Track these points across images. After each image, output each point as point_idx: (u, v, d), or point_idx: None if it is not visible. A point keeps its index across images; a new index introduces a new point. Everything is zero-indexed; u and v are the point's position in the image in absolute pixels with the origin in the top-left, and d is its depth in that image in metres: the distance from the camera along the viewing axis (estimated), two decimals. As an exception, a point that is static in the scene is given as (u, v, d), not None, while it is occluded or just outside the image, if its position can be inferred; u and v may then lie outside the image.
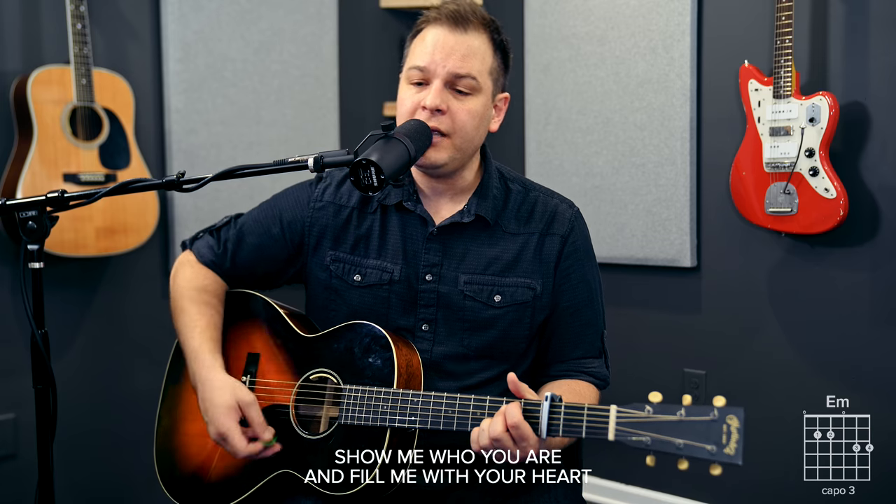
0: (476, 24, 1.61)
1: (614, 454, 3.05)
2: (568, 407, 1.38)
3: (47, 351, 1.47)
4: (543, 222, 1.70)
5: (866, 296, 2.61)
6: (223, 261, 1.79)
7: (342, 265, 1.71)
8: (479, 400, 1.47)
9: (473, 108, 1.61)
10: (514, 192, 1.73)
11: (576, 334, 1.73)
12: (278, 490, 1.63)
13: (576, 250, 1.71)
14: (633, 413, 1.31)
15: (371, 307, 1.68)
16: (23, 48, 2.75)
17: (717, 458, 1.26)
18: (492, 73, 1.64)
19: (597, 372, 1.73)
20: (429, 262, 1.67)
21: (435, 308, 1.66)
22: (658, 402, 1.31)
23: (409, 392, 1.52)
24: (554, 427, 1.37)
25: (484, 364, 1.68)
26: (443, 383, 1.64)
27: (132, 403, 3.01)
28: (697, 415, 1.28)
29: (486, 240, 1.68)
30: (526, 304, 1.67)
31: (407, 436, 1.55)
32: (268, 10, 3.21)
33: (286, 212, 1.76)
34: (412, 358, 1.60)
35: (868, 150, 2.56)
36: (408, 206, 1.68)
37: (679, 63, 2.90)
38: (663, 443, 1.28)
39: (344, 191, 1.74)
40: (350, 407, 1.55)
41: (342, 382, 1.59)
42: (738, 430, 1.26)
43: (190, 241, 1.85)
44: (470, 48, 1.59)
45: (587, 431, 1.35)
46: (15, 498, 2.76)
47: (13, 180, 2.61)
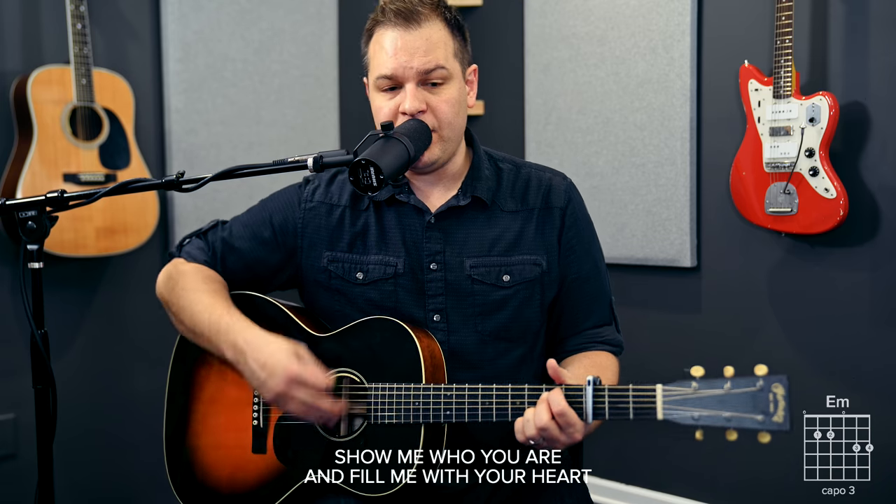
0: (426, 13, 1.58)
1: (614, 454, 3.06)
2: (612, 390, 1.38)
3: (47, 351, 1.47)
4: (540, 197, 1.69)
5: (866, 296, 2.61)
6: (214, 263, 1.75)
7: (341, 265, 1.68)
8: (516, 389, 1.46)
9: (451, 96, 1.59)
10: (506, 171, 1.72)
11: (587, 304, 1.72)
12: (307, 497, 1.59)
13: (576, 221, 1.71)
14: (680, 390, 1.32)
15: (378, 303, 1.65)
16: (23, 48, 2.75)
17: (766, 426, 1.29)
18: (457, 55, 1.62)
19: (611, 339, 1.74)
20: (431, 251, 1.64)
21: (444, 297, 1.64)
22: (701, 376, 1.33)
23: (440, 386, 1.50)
24: (599, 410, 1.38)
25: (502, 349, 1.65)
26: (463, 374, 1.61)
27: (132, 404, 3.01)
28: (742, 386, 1.31)
29: (485, 221, 1.66)
30: (535, 281, 1.66)
31: (439, 433, 1.53)
32: (268, 10, 3.21)
33: (276, 214, 1.73)
34: (434, 348, 1.57)
35: (868, 150, 2.55)
36: (401, 198, 1.65)
37: (679, 63, 2.90)
38: (711, 417, 1.30)
39: (334, 190, 1.72)
40: (379, 406, 1.53)
41: (365, 381, 1.56)
42: (784, 398, 1.29)
43: (177, 248, 1.80)
44: (429, 40, 1.57)
45: (635, 413, 1.36)
46: (15, 498, 2.76)
47: (13, 180, 2.61)
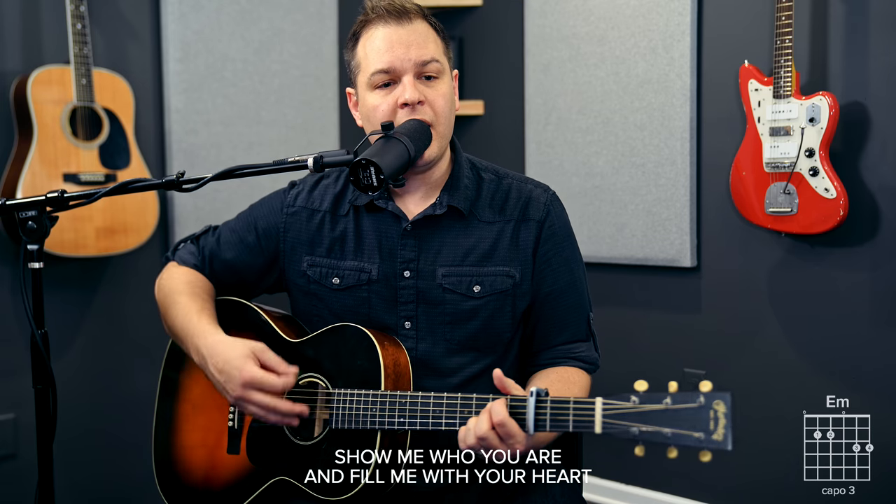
0: (415, 12, 1.62)
1: (614, 454, 3.06)
2: (554, 401, 1.36)
3: (47, 351, 1.47)
4: (518, 209, 1.68)
5: (866, 296, 2.61)
6: (203, 267, 1.80)
7: (319, 269, 1.70)
8: (465, 398, 1.46)
9: (445, 90, 1.62)
10: (487, 180, 1.71)
11: (561, 319, 1.71)
12: (276, 499, 1.62)
13: (553, 234, 1.69)
14: (619, 404, 1.29)
15: (352, 309, 1.67)
16: (23, 48, 2.75)
17: (706, 444, 1.24)
18: (445, 54, 1.65)
19: (585, 356, 1.71)
20: (405, 259, 1.65)
21: (415, 304, 1.65)
22: (644, 390, 1.29)
23: (396, 393, 1.51)
24: (541, 422, 1.36)
25: (470, 358, 1.66)
26: (431, 381, 1.63)
27: (132, 403, 3.01)
28: (684, 402, 1.26)
29: (461, 230, 1.66)
30: (506, 293, 1.65)
31: (398, 438, 1.54)
32: (268, 10, 3.21)
33: (261, 220, 1.76)
34: (399, 356, 1.59)
35: (868, 150, 2.56)
36: (379, 204, 1.66)
37: (679, 63, 2.90)
38: (651, 433, 1.26)
39: (316, 195, 1.73)
40: (340, 411, 1.54)
41: (331, 387, 1.58)
42: (726, 416, 1.24)
43: (172, 252, 1.86)
44: (421, 35, 1.60)
45: (574, 425, 1.33)
46: (15, 498, 2.76)
47: (13, 180, 2.61)
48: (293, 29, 3.26)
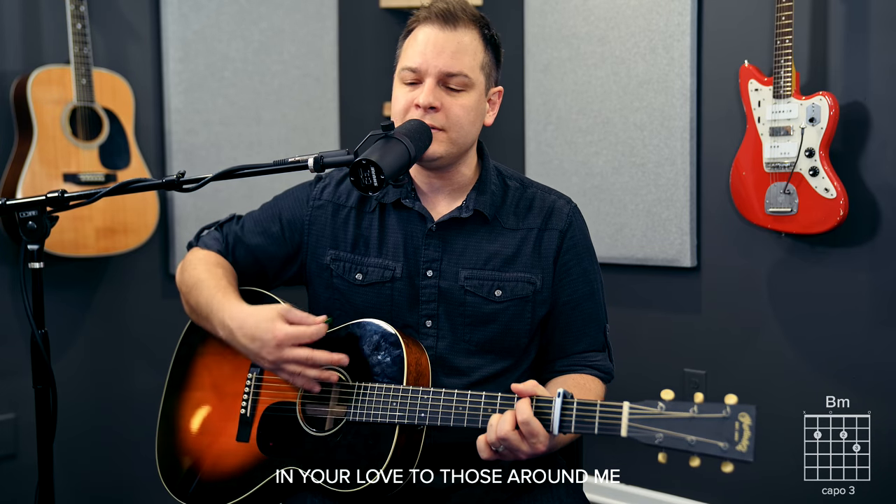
0: (465, 20, 1.63)
1: (614, 453, 3.05)
2: (580, 403, 1.38)
3: (47, 351, 1.47)
4: (541, 218, 1.71)
5: (866, 296, 2.61)
6: (227, 253, 1.81)
7: (343, 264, 1.71)
8: (489, 396, 1.47)
9: (467, 103, 1.62)
10: (512, 188, 1.74)
11: (578, 328, 1.73)
12: (283, 487, 1.63)
13: (574, 245, 1.72)
14: (646, 409, 1.31)
15: (375, 305, 1.68)
16: (23, 48, 2.75)
17: (729, 455, 1.25)
18: (483, 68, 1.65)
19: (601, 365, 1.74)
20: (429, 258, 1.67)
21: (436, 303, 1.67)
22: (670, 399, 1.31)
23: (418, 388, 1.52)
24: (566, 423, 1.38)
25: (488, 359, 1.68)
26: (449, 379, 1.65)
27: (132, 403, 3.01)
28: (710, 412, 1.28)
29: (485, 235, 1.69)
30: (526, 299, 1.67)
31: (415, 435, 1.55)
32: (268, 10, 3.21)
33: (286, 211, 1.78)
34: (421, 357, 1.60)
35: (868, 150, 2.56)
36: (406, 203, 1.69)
37: (679, 63, 2.90)
38: (675, 439, 1.28)
39: (343, 190, 1.75)
40: (359, 404, 1.55)
41: (350, 380, 1.59)
42: (751, 428, 1.26)
43: (196, 238, 1.86)
44: (460, 45, 1.61)
45: (600, 428, 1.35)
46: (15, 498, 2.76)
47: (13, 180, 2.61)
48: (293, 29, 3.26)
